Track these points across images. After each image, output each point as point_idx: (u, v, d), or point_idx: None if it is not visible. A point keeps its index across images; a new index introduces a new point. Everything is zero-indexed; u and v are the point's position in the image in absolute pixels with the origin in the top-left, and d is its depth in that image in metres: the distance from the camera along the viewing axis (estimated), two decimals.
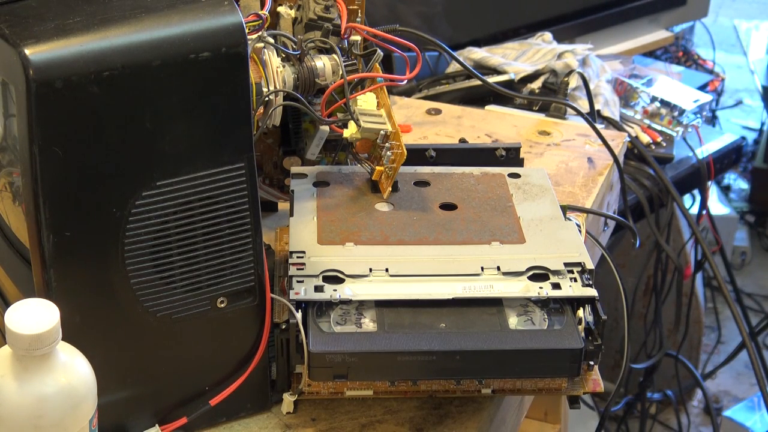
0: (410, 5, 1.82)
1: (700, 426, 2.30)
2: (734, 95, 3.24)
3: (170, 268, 0.78)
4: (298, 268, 0.86)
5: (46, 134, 0.71)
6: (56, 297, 0.72)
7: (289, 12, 0.99)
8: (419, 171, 1.01)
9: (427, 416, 0.87)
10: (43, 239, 0.73)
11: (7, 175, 0.81)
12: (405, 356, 0.81)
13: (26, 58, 0.69)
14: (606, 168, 1.23)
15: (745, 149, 2.68)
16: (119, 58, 0.71)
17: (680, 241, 2.01)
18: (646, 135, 1.64)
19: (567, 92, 1.46)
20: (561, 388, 0.86)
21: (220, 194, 0.78)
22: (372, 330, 0.83)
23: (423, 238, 0.91)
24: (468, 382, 0.85)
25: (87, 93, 0.71)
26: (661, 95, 1.66)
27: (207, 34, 0.74)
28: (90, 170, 0.73)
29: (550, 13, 1.97)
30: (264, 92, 0.91)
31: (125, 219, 0.75)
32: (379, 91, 0.97)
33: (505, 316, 0.85)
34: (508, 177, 1.02)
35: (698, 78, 2.08)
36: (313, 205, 0.95)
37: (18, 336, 0.68)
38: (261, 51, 0.92)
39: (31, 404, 0.68)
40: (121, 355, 0.80)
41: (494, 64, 1.57)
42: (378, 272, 0.86)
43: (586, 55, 1.58)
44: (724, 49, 3.30)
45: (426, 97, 1.53)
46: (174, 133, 0.75)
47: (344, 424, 0.86)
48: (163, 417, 0.83)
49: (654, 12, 2.15)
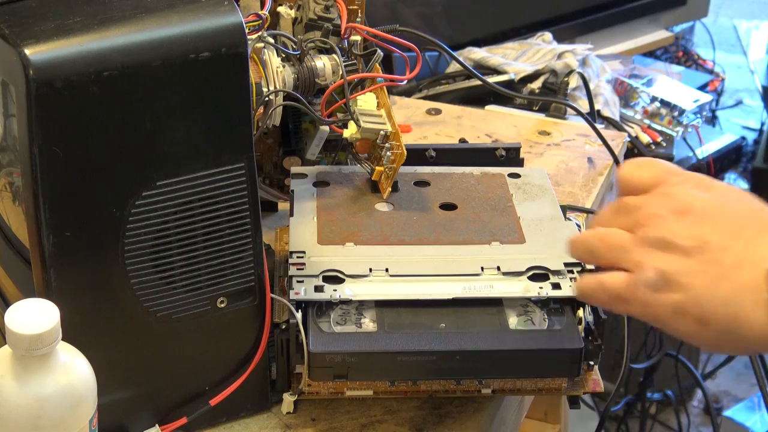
0: (410, 5, 1.82)
1: (700, 426, 2.30)
2: (734, 95, 3.24)
3: (170, 268, 0.78)
4: (298, 268, 0.86)
5: (46, 134, 0.71)
6: (56, 297, 0.72)
7: (289, 12, 0.99)
8: (419, 171, 1.01)
9: (427, 416, 0.87)
10: (43, 239, 0.73)
11: (7, 175, 0.81)
12: (405, 356, 0.81)
13: (26, 58, 0.69)
14: (606, 168, 1.23)
15: (745, 149, 2.68)
16: (119, 58, 0.71)
17: None
18: (646, 135, 1.64)
19: (567, 92, 1.46)
20: (561, 388, 0.86)
21: (220, 194, 0.78)
22: (372, 330, 0.83)
23: (423, 238, 0.91)
24: (468, 382, 0.85)
25: (87, 93, 0.71)
26: (661, 95, 1.66)
27: (207, 34, 0.74)
28: (90, 170, 0.73)
29: (550, 13, 1.97)
30: (264, 92, 0.91)
31: (125, 219, 0.75)
32: (379, 91, 0.97)
33: (505, 316, 0.85)
34: (508, 177, 1.02)
35: (698, 78, 2.08)
36: (313, 205, 0.95)
37: (18, 336, 0.67)
38: (261, 51, 0.92)
39: (31, 404, 0.68)
40: (121, 355, 0.80)
41: (494, 64, 1.57)
42: (378, 272, 0.86)
43: (586, 55, 1.58)
44: (724, 49, 3.30)
45: (426, 97, 1.53)
46: (174, 133, 0.75)
47: (344, 424, 0.86)
48: (163, 417, 0.83)
49: (654, 12, 2.15)
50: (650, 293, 0.70)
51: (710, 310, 0.68)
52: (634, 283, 0.71)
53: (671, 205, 0.70)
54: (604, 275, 0.73)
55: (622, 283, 0.72)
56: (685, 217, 0.69)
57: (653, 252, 0.70)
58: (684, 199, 0.70)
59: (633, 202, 0.72)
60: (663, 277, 0.69)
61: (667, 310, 0.70)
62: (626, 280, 0.71)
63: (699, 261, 0.68)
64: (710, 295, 0.68)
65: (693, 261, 0.68)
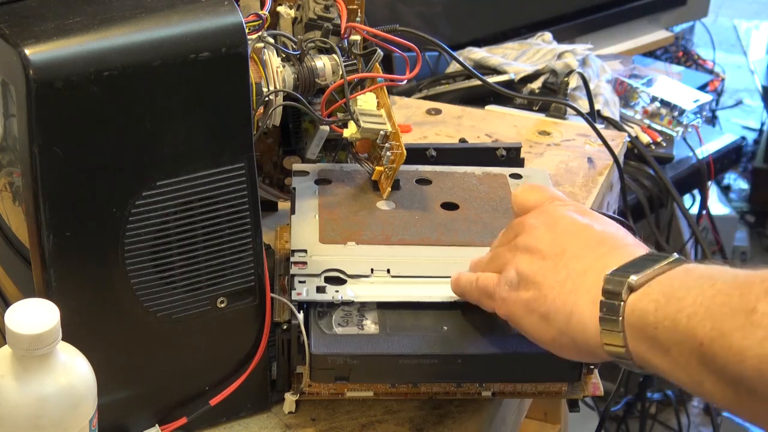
0: (410, 5, 1.82)
1: (700, 426, 2.30)
2: (734, 95, 3.24)
3: (170, 268, 0.78)
4: (299, 267, 0.86)
5: (46, 134, 0.71)
6: (56, 297, 0.72)
7: (289, 12, 0.99)
8: (420, 170, 1.01)
9: (427, 416, 0.87)
10: (43, 239, 0.73)
11: (7, 175, 0.80)
12: (406, 359, 0.81)
13: (26, 58, 0.69)
14: (606, 168, 1.23)
15: (745, 149, 2.68)
16: (119, 58, 0.71)
17: (680, 241, 2.01)
18: (646, 135, 1.64)
19: (567, 92, 1.46)
20: (561, 391, 0.86)
21: (220, 194, 0.78)
22: (374, 332, 0.83)
23: (425, 238, 0.91)
24: (468, 384, 0.84)
25: (87, 93, 0.71)
26: (661, 95, 1.66)
27: (207, 34, 0.74)
28: (90, 170, 0.73)
29: (550, 13, 1.97)
30: (264, 92, 0.91)
31: (125, 219, 0.75)
32: (379, 91, 0.97)
33: None
34: (510, 177, 1.01)
35: (698, 78, 2.08)
36: (315, 203, 0.94)
37: (18, 336, 0.67)
38: (261, 51, 0.92)
39: (31, 404, 0.68)
40: (121, 355, 0.79)
41: (494, 64, 1.57)
42: (380, 273, 0.86)
43: (586, 55, 1.58)
44: (724, 49, 3.30)
45: (426, 97, 1.53)
46: (174, 133, 0.75)
47: (344, 424, 0.86)
48: (163, 417, 0.83)
49: (654, 12, 2.15)
50: (508, 290, 0.77)
51: (553, 308, 0.74)
52: (499, 281, 0.78)
53: (544, 219, 0.79)
54: (480, 273, 0.81)
55: (490, 280, 0.79)
56: (553, 230, 0.77)
57: (519, 255, 0.78)
58: (556, 215, 0.79)
59: (517, 220, 0.82)
60: (521, 275, 0.76)
61: (519, 306, 0.76)
62: (494, 279, 0.79)
63: (553, 264, 0.75)
64: (556, 293, 0.74)
65: (548, 263, 0.75)
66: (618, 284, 0.69)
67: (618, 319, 0.68)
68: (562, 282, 0.73)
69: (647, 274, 0.69)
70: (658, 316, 0.66)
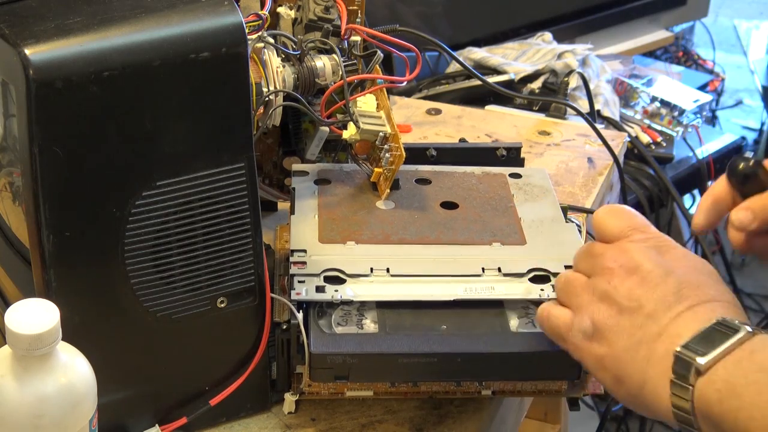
0: (410, 5, 1.82)
1: None
2: (734, 95, 3.24)
3: (170, 268, 0.78)
4: (299, 267, 0.86)
5: (46, 134, 0.71)
6: (56, 297, 0.72)
7: (289, 12, 0.99)
8: (420, 169, 1.01)
9: (427, 416, 0.87)
10: (43, 239, 0.73)
11: (7, 175, 0.80)
12: (406, 358, 0.81)
13: (26, 58, 0.69)
14: (606, 168, 1.23)
15: (745, 149, 2.68)
16: (119, 58, 0.71)
17: (680, 241, 2.00)
18: (646, 135, 1.65)
19: (567, 92, 1.46)
20: (561, 390, 0.86)
21: (220, 194, 0.78)
22: (373, 331, 0.83)
23: (424, 237, 0.91)
24: (468, 383, 0.84)
25: (87, 93, 0.71)
26: (661, 95, 1.66)
27: (207, 34, 0.74)
28: (90, 170, 0.73)
29: (550, 13, 1.97)
30: (264, 92, 0.91)
31: (125, 219, 0.75)
32: (379, 92, 0.97)
33: (506, 317, 0.85)
34: (510, 177, 1.01)
35: (698, 78, 2.08)
36: (315, 203, 0.94)
37: (18, 336, 0.67)
38: (261, 51, 0.92)
39: (31, 404, 0.68)
40: (121, 355, 0.80)
41: (494, 64, 1.57)
42: (379, 272, 0.86)
43: (586, 55, 1.58)
44: (724, 49, 3.30)
45: (426, 97, 1.53)
46: (174, 133, 0.75)
47: (344, 424, 0.86)
48: (163, 417, 0.83)
49: (654, 12, 2.15)
50: (581, 339, 0.74)
51: (626, 373, 0.71)
52: (572, 325, 0.75)
53: (623, 261, 0.74)
54: (554, 308, 0.78)
55: (563, 321, 0.76)
56: (631, 277, 0.73)
57: (595, 301, 0.74)
58: (636, 258, 0.74)
59: (596, 250, 0.77)
60: (595, 327, 0.73)
61: (593, 360, 0.74)
62: (566, 320, 0.76)
63: (628, 321, 0.72)
64: (628, 357, 0.71)
65: (623, 319, 0.72)
66: (686, 366, 0.67)
67: (688, 402, 0.67)
68: (636, 346, 0.71)
69: (715, 356, 0.67)
70: (722, 409, 0.65)
